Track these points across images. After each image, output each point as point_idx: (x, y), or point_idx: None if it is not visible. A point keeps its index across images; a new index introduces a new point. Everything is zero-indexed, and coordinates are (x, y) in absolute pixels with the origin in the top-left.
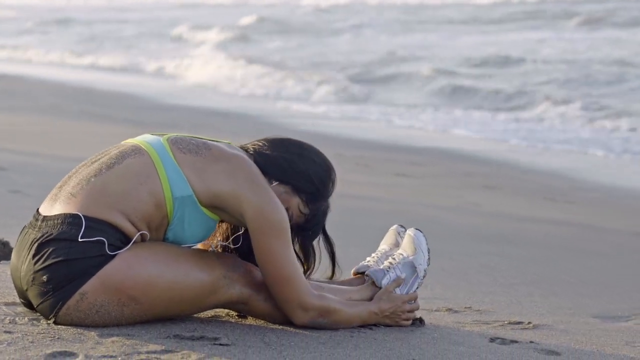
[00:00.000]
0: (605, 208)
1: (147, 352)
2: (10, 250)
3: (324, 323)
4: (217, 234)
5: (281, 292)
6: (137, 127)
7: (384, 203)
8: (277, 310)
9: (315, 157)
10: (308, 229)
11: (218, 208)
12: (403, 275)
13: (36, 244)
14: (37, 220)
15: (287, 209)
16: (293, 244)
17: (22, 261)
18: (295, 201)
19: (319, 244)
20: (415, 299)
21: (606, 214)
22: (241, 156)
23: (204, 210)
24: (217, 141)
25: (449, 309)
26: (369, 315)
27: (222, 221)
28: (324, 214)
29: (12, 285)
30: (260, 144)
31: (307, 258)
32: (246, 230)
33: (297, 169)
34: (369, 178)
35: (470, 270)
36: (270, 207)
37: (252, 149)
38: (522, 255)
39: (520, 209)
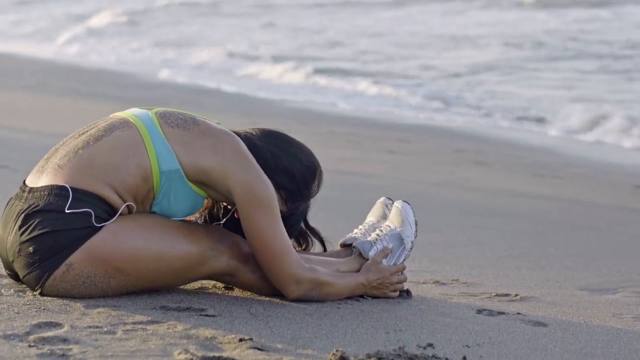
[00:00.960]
0: (593, 183)
1: (133, 323)
2: None
3: (315, 296)
4: (203, 208)
5: (273, 267)
6: (129, 104)
7: (374, 179)
8: (264, 282)
9: (303, 157)
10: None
11: (205, 184)
12: (390, 246)
13: (23, 215)
14: (23, 191)
15: None
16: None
17: (8, 232)
18: None
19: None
20: (402, 270)
21: (594, 189)
22: (229, 132)
23: (191, 185)
24: (205, 119)
25: (436, 282)
26: (357, 286)
27: (209, 198)
28: (303, 214)
29: None
30: (252, 132)
31: (301, 245)
32: (233, 206)
33: (281, 165)
34: (360, 154)
35: (458, 243)
36: (258, 183)
37: (243, 134)
38: (510, 230)
39: (510, 184)
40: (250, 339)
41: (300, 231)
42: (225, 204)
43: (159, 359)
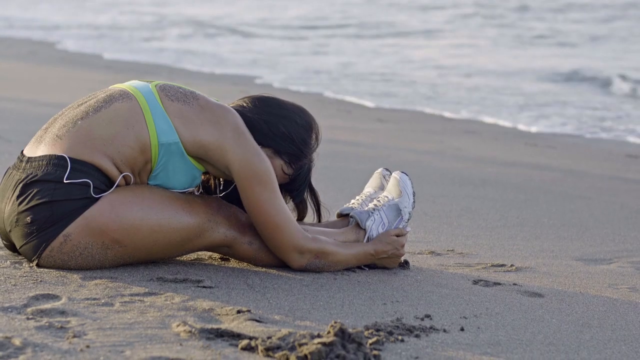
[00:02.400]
0: (584, 153)
1: (131, 295)
2: None
3: (320, 265)
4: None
5: (275, 239)
6: (118, 74)
7: (366, 148)
8: (261, 253)
9: (297, 118)
10: (293, 189)
11: (203, 160)
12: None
13: (21, 185)
14: (21, 161)
15: None
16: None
17: (5, 202)
18: (278, 163)
19: (306, 195)
20: (404, 235)
21: (585, 159)
22: (227, 108)
23: (190, 159)
24: (204, 95)
25: (432, 252)
26: (365, 255)
27: (206, 173)
28: (308, 170)
29: None
30: (244, 104)
31: (300, 212)
32: (231, 181)
33: (278, 131)
34: (350, 123)
35: (452, 213)
36: (256, 158)
37: (235, 108)
38: (504, 199)
39: (502, 153)
40: (248, 311)
41: (296, 206)
42: (222, 179)
43: (157, 331)
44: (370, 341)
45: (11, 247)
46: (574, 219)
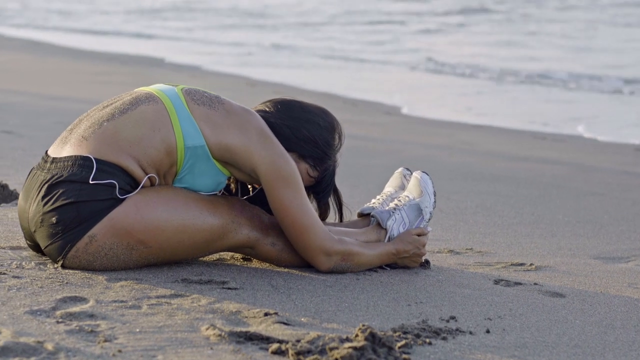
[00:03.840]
0: (592, 147)
1: (157, 297)
2: (10, 192)
3: (346, 266)
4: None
5: (302, 241)
6: (124, 66)
7: (376, 142)
8: (283, 254)
9: (320, 120)
10: (319, 190)
11: (229, 164)
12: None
13: (46, 185)
14: (45, 162)
15: None
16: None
17: (30, 203)
18: (303, 167)
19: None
20: (425, 234)
21: (594, 153)
22: (252, 112)
23: (216, 162)
24: (228, 99)
25: (451, 251)
26: (387, 255)
27: (231, 177)
28: (333, 172)
29: (15, 229)
30: (266, 109)
31: (322, 213)
32: (257, 186)
33: (302, 135)
34: (358, 117)
35: (468, 210)
36: (282, 160)
37: (258, 113)
38: (517, 195)
39: (511, 148)
40: (275, 313)
41: (321, 208)
42: (247, 183)
43: (187, 335)
44: (399, 344)
45: (35, 247)
46: (589, 215)
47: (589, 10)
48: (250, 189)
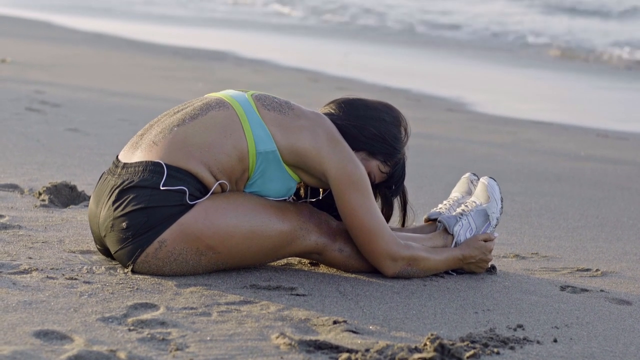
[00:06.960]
0: None
1: (227, 304)
2: (78, 194)
3: (412, 272)
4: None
5: (369, 245)
6: (185, 61)
7: (437, 140)
8: (351, 260)
9: (385, 115)
10: (392, 184)
11: (299, 168)
12: (477, 223)
13: (117, 191)
14: (116, 167)
15: (368, 174)
16: (375, 199)
17: (101, 207)
18: (374, 164)
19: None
20: (492, 240)
21: None
22: (322, 115)
23: (286, 168)
24: (298, 104)
25: (517, 255)
26: (454, 260)
27: (301, 182)
28: (403, 165)
29: (85, 232)
30: (331, 110)
31: (387, 211)
32: (325, 190)
33: (369, 134)
34: (420, 113)
35: (532, 212)
36: (351, 164)
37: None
38: (581, 196)
39: (574, 146)
40: (345, 321)
41: (389, 204)
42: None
43: (257, 343)
44: (467, 354)
45: (105, 251)
46: None
47: None
48: (321, 192)
